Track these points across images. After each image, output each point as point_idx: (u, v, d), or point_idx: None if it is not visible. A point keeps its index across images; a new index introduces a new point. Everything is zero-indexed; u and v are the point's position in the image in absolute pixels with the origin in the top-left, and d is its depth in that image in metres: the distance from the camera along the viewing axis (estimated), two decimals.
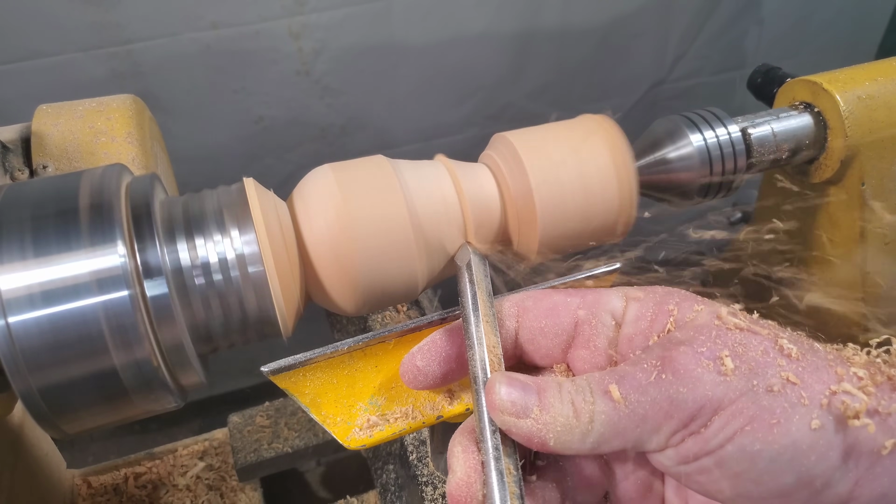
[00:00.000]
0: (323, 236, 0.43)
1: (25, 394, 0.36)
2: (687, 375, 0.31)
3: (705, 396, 0.30)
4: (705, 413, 0.30)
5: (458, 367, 0.38)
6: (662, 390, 0.31)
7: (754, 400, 0.30)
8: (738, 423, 0.30)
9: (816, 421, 0.29)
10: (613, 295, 0.36)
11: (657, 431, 0.31)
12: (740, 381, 0.30)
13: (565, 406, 0.32)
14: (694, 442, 0.30)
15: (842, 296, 0.74)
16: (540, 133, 0.49)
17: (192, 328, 0.41)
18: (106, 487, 0.82)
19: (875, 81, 0.64)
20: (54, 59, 1.02)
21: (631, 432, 0.31)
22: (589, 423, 0.31)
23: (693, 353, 0.31)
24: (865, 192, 0.66)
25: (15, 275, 0.36)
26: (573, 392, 0.32)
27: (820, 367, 0.31)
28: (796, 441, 0.29)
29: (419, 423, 0.40)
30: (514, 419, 0.32)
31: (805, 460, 0.29)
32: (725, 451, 0.30)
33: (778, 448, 0.29)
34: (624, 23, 1.31)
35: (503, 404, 0.32)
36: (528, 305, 0.37)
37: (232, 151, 1.20)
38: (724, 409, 0.30)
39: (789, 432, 0.29)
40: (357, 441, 0.39)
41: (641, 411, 0.31)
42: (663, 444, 0.31)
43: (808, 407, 0.29)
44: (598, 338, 0.36)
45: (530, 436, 0.32)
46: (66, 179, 0.41)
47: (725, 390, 0.30)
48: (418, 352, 0.38)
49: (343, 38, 1.14)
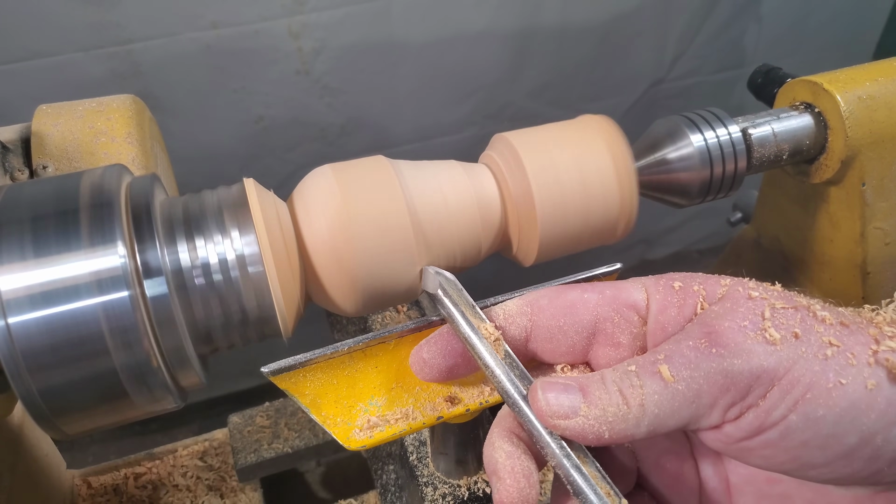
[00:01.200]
0: (323, 236, 0.43)
1: (25, 394, 0.36)
2: (737, 348, 0.30)
3: (760, 367, 0.30)
4: (762, 384, 0.30)
5: (463, 363, 0.38)
6: (715, 364, 0.30)
7: (807, 367, 0.29)
8: (798, 392, 0.29)
9: (871, 380, 0.29)
10: (632, 287, 0.36)
11: (714, 406, 0.30)
12: (789, 349, 0.30)
13: (613, 395, 0.31)
14: (755, 415, 0.30)
15: (842, 296, 0.74)
16: (540, 133, 0.49)
17: (192, 329, 0.40)
18: (106, 488, 0.82)
19: (875, 81, 0.64)
20: (54, 59, 1.02)
21: (686, 410, 0.30)
22: (641, 408, 0.30)
23: (738, 326, 0.31)
24: (865, 192, 0.66)
25: (15, 275, 0.36)
26: (618, 380, 0.31)
27: (853, 329, 0.31)
28: (855, 401, 0.29)
29: (419, 423, 0.40)
30: (565, 421, 0.31)
31: (865, 419, 0.29)
32: (790, 421, 0.30)
33: (839, 411, 0.29)
34: (623, 22, 1.31)
35: (550, 410, 0.31)
36: (542, 304, 0.36)
37: (232, 151, 1.20)
38: (780, 378, 0.30)
39: (847, 394, 0.29)
40: (357, 442, 0.39)
41: (696, 387, 0.30)
42: (719, 420, 0.31)
43: (857, 367, 0.29)
44: (622, 334, 0.35)
45: (584, 432, 0.31)
46: (66, 180, 0.41)
47: (779, 359, 0.30)
48: (425, 344, 0.38)
49: (343, 38, 1.14)
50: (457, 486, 0.58)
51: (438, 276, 0.39)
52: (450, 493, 0.57)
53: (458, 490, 0.57)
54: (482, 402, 0.40)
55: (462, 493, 0.57)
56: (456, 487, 0.58)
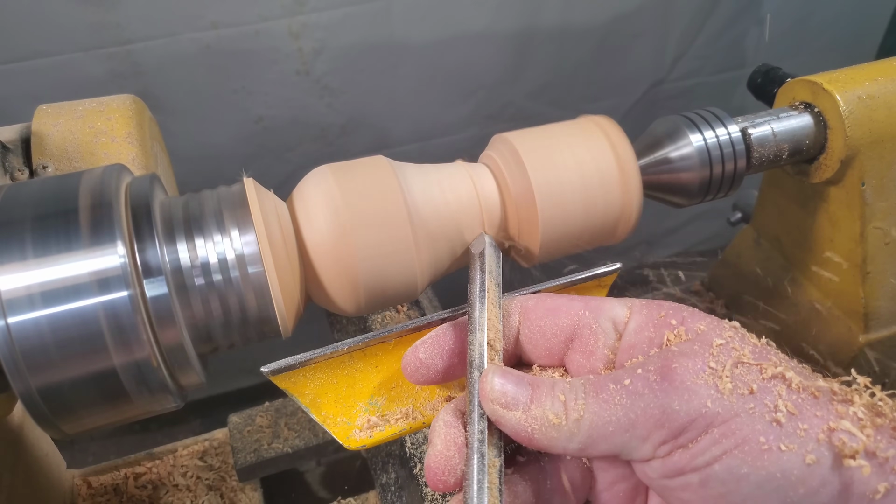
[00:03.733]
0: (323, 236, 0.43)
1: (25, 394, 0.36)
2: (683, 387, 0.30)
3: (698, 411, 0.30)
4: (696, 427, 0.30)
5: (459, 363, 0.38)
6: (656, 399, 0.30)
7: (749, 423, 0.29)
8: (728, 443, 0.29)
9: (812, 456, 0.28)
10: (617, 303, 0.36)
11: (646, 440, 0.31)
12: (737, 401, 0.30)
13: (555, 403, 0.32)
14: (681, 456, 0.30)
15: (842, 296, 0.74)
16: (540, 134, 0.49)
17: (191, 328, 0.41)
18: (106, 487, 0.82)
19: (875, 81, 0.64)
20: (54, 59, 1.02)
21: (619, 437, 0.31)
22: (577, 423, 0.31)
23: (692, 367, 0.31)
24: (865, 192, 0.66)
25: (15, 275, 0.36)
26: (566, 391, 0.32)
27: (821, 401, 0.30)
28: (786, 471, 0.28)
29: (419, 423, 0.40)
30: (504, 410, 0.32)
31: (792, 492, 0.28)
32: (712, 469, 0.29)
33: (765, 475, 0.29)
34: (623, 22, 1.31)
35: (494, 394, 0.33)
36: (529, 305, 0.37)
37: (232, 151, 1.20)
38: (715, 426, 0.30)
39: (780, 461, 0.28)
40: (357, 441, 0.39)
41: (632, 416, 0.31)
42: (650, 454, 0.31)
43: (803, 439, 0.29)
44: (596, 343, 0.35)
45: (517, 428, 0.32)
46: (65, 180, 0.41)
47: (720, 408, 0.30)
48: (422, 344, 0.38)
49: (343, 38, 1.14)
50: None
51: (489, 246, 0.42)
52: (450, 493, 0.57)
53: None
54: None
55: None
56: None
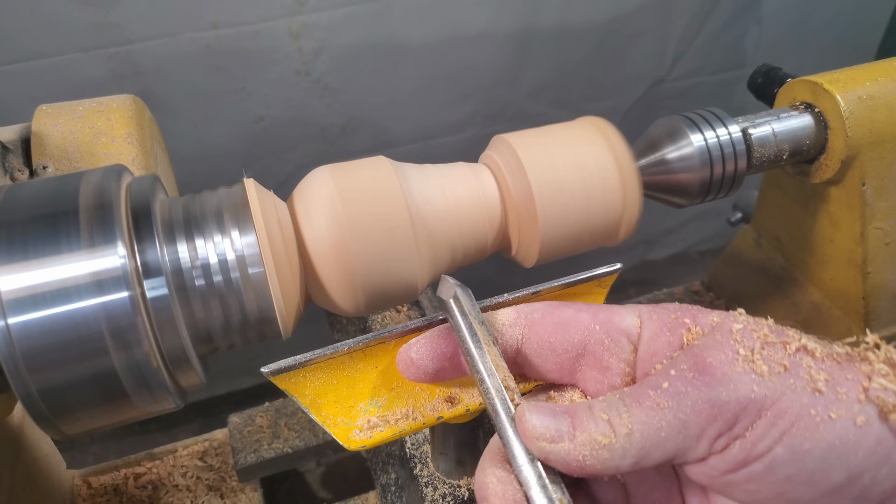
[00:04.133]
0: (323, 237, 0.43)
1: (25, 395, 0.36)
2: (724, 378, 0.30)
3: (747, 398, 0.29)
4: (749, 415, 0.29)
5: (450, 367, 0.37)
6: (702, 394, 0.30)
7: (795, 399, 0.29)
8: (784, 424, 0.29)
9: (861, 417, 0.29)
10: (626, 313, 0.35)
11: (701, 437, 0.30)
12: (777, 381, 0.29)
13: (600, 423, 0.30)
14: (741, 447, 0.29)
15: (842, 296, 0.74)
16: (540, 135, 0.49)
17: (191, 329, 0.40)
18: (106, 488, 0.82)
19: (875, 81, 0.64)
20: (54, 60, 1.02)
21: (672, 441, 0.30)
22: (627, 437, 0.30)
23: (724, 357, 0.30)
24: (865, 192, 0.66)
25: (15, 276, 0.36)
26: (606, 409, 0.31)
27: (844, 365, 0.30)
28: (843, 437, 0.28)
29: (419, 423, 0.40)
30: (551, 445, 0.30)
31: (853, 456, 0.28)
32: (775, 453, 0.29)
33: (826, 445, 0.28)
34: (623, 22, 1.31)
35: (537, 431, 0.31)
36: (535, 318, 0.36)
37: (232, 151, 1.20)
38: (767, 409, 0.29)
39: (835, 429, 0.28)
40: (357, 442, 0.39)
41: (682, 416, 0.30)
42: (706, 452, 0.30)
43: (847, 403, 0.29)
44: (611, 358, 0.34)
45: (567, 459, 0.30)
46: (65, 180, 0.41)
47: (766, 391, 0.29)
48: (415, 344, 0.37)
49: (343, 38, 1.14)
50: (457, 486, 0.58)
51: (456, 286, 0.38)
52: (450, 493, 0.57)
53: (458, 490, 0.57)
54: (482, 403, 0.40)
55: (462, 493, 0.57)
56: (456, 487, 0.58)
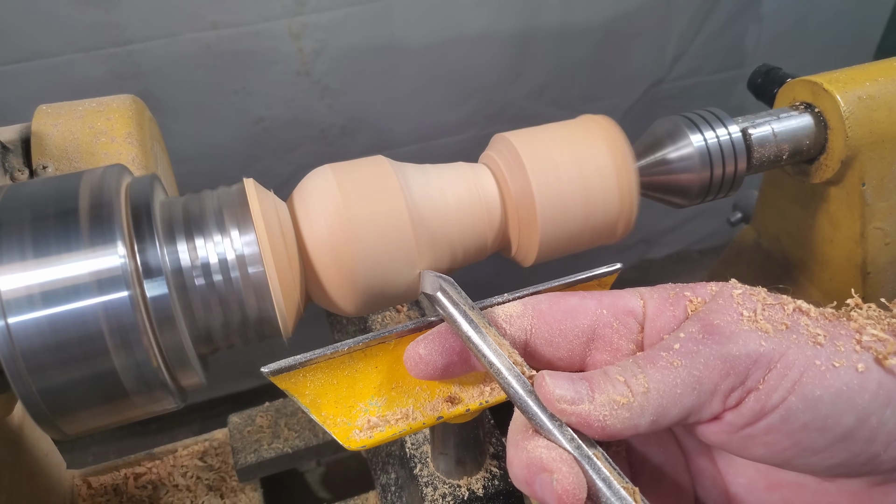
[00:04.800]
0: (323, 237, 0.43)
1: (25, 395, 0.36)
2: (733, 335, 0.31)
3: (757, 351, 0.31)
4: (759, 367, 0.31)
5: (459, 361, 0.37)
6: (713, 350, 0.31)
7: (800, 352, 0.31)
8: (795, 374, 0.30)
9: (861, 364, 0.30)
10: (629, 295, 0.36)
11: (714, 393, 0.31)
12: (781, 337, 0.31)
13: (617, 385, 0.32)
14: (756, 399, 0.31)
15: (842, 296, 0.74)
16: (540, 133, 0.49)
17: (191, 329, 0.41)
18: (106, 488, 0.82)
19: (875, 81, 0.64)
20: (54, 60, 1.02)
21: (688, 397, 0.31)
22: (644, 395, 0.31)
23: (730, 318, 0.32)
24: (865, 192, 0.66)
25: (15, 275, 0.36)
26: (621, 371, 0.32)
27: (836, 323, 0.33)
28: (848, 382, 0.30)
29: (419, 423, 0.40)
30: (571, 406, 0.31)
31: (860, 399, 0.30)
32: (790, 402, 0.30)
33: (835, 391, 0.30)
34: (623, 22, 1.31)
35: (557, 394, 0.32)
36: (543, 308, 0.37)
37: (232, 151, 1.20)
38: (776, 362, 0.31)
39: (840, 376, 0.30)
40: (357, 442, 0.39)
41: (696, 373, 0.31)
42: (720, 408, 0.31)
43: (846, 353, 0.31)
44: (620, 339, 0.35)
45: (589, 420, 0.31)
46: (66, 180, 0.41)
47: (773, 345, 0.31)
48: (423, 340, 0.37)
49: (343, 39, 1.14)
50: (457, 486, 0.58)
51: (438, 279, 0.39)
52: (450, 493, 0.57)
53: (458, 490, 0.57)
54: (482, 403, 0.40)
55: (462, 493, 0.57)
56: (456, 487, 0.58)
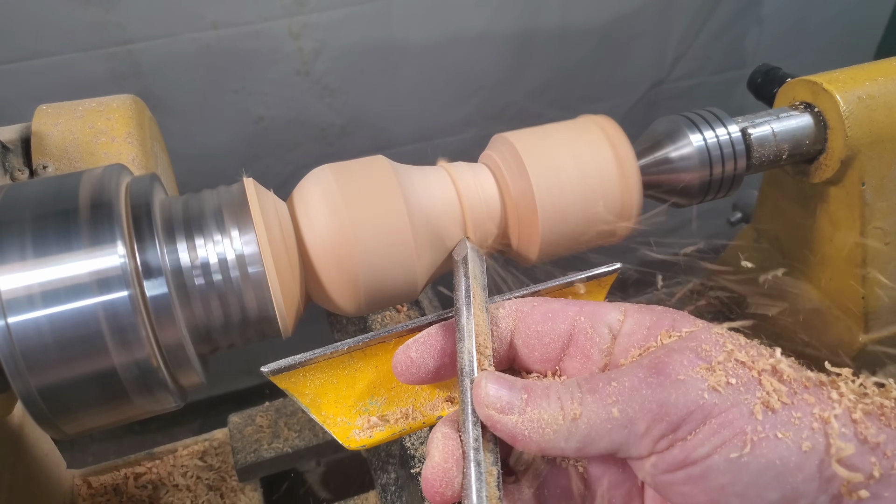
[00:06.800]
0: (323, 236, 0.43)
1: (25, 394, 0.36)
2: (678, 381, 0.31)
3: (696, 402, 0.30)
4: (694, 420, 0.30)
5: (451, 364, 0.38)
6: (653, 393, 0.31)
7: (744, 413, 0.30)
8: (726, 433, 0.30)
9: (807, 443, 0.29)
10: (612, 308, 0.37)
11: (644, 435, 0.31)
12: (731, 393, 0.30)
13: (552, 404, 0.32)
14: (681, 449, 0.30)
15: (842, 296, 0.74)
16: (540, 133, 0.49)
17: (191, 328, 0.41)
18: (106, 487, 0.82)
19: (875, 81, 0.64)
20: (54, 60, 1.02)
21: (617, 433, 0.31)
22: (574, 422, 0.31)
23: (686, 361, 0.31)
24: (865, 192, 0.66)
25: (15, 275, 0.36)
26: (561, 392, 0.32)
27: (811, 391, 0.31)
28: (784, 458, 0.29)
29: (419, 423, 0.40)
30: (499, 414, 0.32)
31: (791, 478, 0.29)
32: (712, 460, 0.30)
33: (765, 462, 0.29)
34: (624, 23, 1.31)
35: (489, 399, 0.32)
36: (525, 310, 0.37)
37: (232, 151, 1.20)
38: (713, 417, 0.30)
39: (778, 448, 0.29)
40: (357, 441, 0.39)
41: (630, 412, 0.31)
42: (649, 450, 0.31)
43: (798, 427, 0.29)
44: (592, 348, 0.36)
45: (514, 432, 0.32)
46: (65, 179, 0.41)
47: (716, 399, 0.30)
48: (413, 343, 0.38)
49: (343, 38, 1.14)
50: None
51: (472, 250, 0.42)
52: None
53: None
54: None
55: None
56: None
